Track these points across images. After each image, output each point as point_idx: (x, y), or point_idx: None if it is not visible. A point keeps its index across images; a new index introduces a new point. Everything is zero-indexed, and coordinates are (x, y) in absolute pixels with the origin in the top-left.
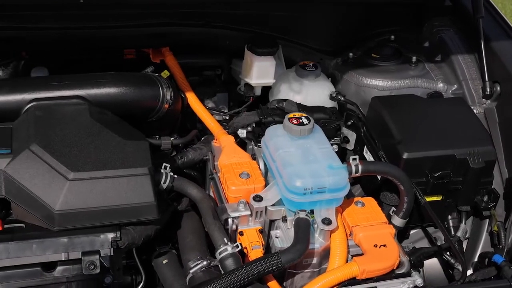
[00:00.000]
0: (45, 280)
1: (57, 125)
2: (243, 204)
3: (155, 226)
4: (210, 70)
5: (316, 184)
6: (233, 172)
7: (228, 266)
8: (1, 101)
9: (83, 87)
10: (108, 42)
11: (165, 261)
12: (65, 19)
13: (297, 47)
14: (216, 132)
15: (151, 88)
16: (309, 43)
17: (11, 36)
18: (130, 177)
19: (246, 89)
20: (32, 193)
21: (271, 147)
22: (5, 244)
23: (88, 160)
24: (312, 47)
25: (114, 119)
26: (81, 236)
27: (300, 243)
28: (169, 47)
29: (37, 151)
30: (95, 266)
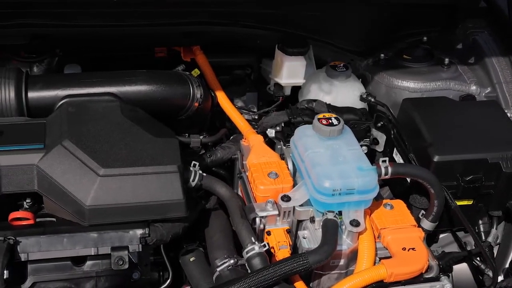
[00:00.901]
0: (74, 274)
1: (89, 121)
2: (271, 203)
3: (183, 224)
4: (240, 69)
5: (345, 185)
6: (262, 171)
7: (255, 266)
8: (36, 97)
9: (115, 84)
10: (140, 40)
11: (192, 259)
12: (98, 17)
13: (327, 47)
14: (245, 131)
15: (181, 86)
16: (340, 44)
17: (46, 34)
18: (159, 174)
19: (276, 89)
20: (63, 188)
21: (300, 147)
22: (36, 238)
23: (118, 156)
24: (343, 48)
25: (144, 117)
26: (110, 232)
27: (328, 244)
28: (200, 46)
29: (69, 146)
30: (124, 261)
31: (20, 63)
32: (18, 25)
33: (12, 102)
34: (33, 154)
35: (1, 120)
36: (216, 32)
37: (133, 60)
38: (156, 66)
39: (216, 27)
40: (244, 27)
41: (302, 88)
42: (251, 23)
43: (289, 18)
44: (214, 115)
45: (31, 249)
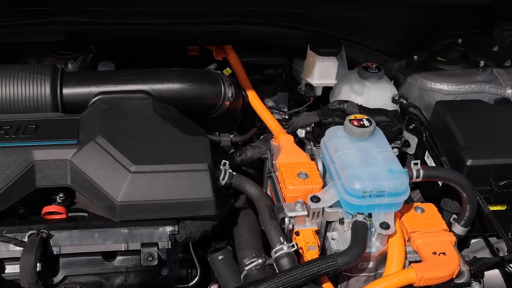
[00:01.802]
0: (105, 269)
1: (121, 118)
2: (300, 204)
3: (212, 222)
4: (271, 69)
5: (376, 187)
6: (292, 171)
7: (283, 266)
8: (71, 93)
9: (148, 82)
10: (173, 38)
11: (221, 257)
12: (132, 15)
13: (360, 48)
14: (275, 131)
15: (213, 85)
16: (372, 45)
17: (81, 31)
18: (190, 172)
19: (307, 89)
20: (95, 184)
21: (330, 148)
22: (69, 232)
23: (150, 153)
24: (376, 49)
25: (176, 114)
26: (140, 228)
27: (357, 246)
28: (232, 45)
29: (102, 143)
30: (153, 258)
31: (55, 59)
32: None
33: (47, 98)
34: (67, 150)
35: (37, 116)
36: (249, 32)
37: (166, 58)
38: (188, 65)
39: (249, 27)
40: (276, 26)
41: (333, 88)
42: (284, 23)
43: (322, 18)
44: (244, 114)
45: (63, 243)
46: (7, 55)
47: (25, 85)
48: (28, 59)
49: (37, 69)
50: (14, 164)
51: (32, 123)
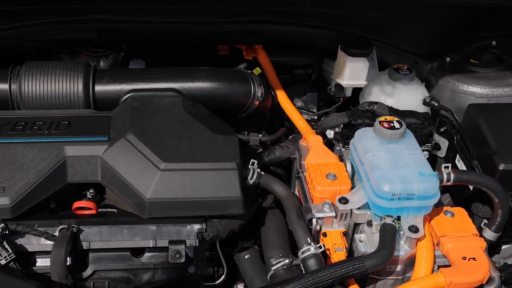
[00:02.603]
0: (133, 265)
1: (152, 116)
2: (328, 205)
3: (239, 221)
4: (301, 69)
5: (405, 190)
6: (320, 172)
7: (310, 266)
8: (102, 90)
9: (178, 80)
10: (203, 37)
11: (247, 256)
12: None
13: (391, 49)
14: (304, 131)
15: (243, 85)
16: (404, 46)
17: (113, 29)
18: (218, 171)
19: (337, 90)
20: (125, 180)
21: (359, 150)
22: (98, 227)
23: (179, 151)
24: (407, 50)
25: (206, 113)
26: (168, 225)
27: (385, 249)
28: (262, 45)
29: (132, 140)
30: (181, 255)
31: (88, 57)
32: (88, 20)
33: (80, 94)
34: (98, 146)
35: (69, 112)
36: (279, 31)
37: (196, 57)
38: (218, 64)
39: (279, 26)
40: (307, 27)
41: (363, 90)
42: (314, 23)
43: (353, 19)
44: (273, 114)
45: (93, 238)
46: (41, 52)
47: (58, 82)
48: (62, 56)
49: (71, 66)
50: (46, 159)
51: (64, 119)
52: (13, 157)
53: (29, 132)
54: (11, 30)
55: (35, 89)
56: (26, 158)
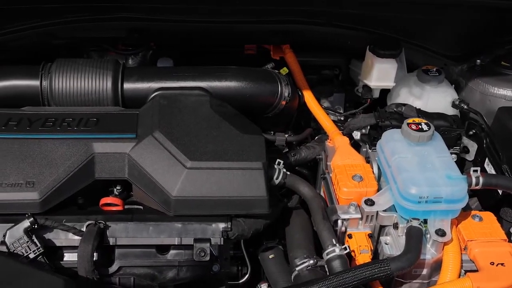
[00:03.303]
0: (158, 262)
1: (179, 114)
2: (354, 206)
3: (264, 221)
4: (328, 70)
5: (432, 193)
6: (346, 173)
7: (335, 268)
8: (131, 88)
9: (206, 79)
10: (231, 37)
11: (272, 256)
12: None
13: (420, 50)
14: (330, 132)
15: (270, 84)
16: (433, 47)
17: (142, 27)
18: (244, 170)
19: (364, 91)
20: (152, 178)
21: (386, 152)
22: (125, 224)
23: (205, 150)
24: (437, 52)
25: (232, 112)
26: (194, 223)
27: (411, 252)
28: (290, 45)
29: (160, 138)
30: (205, 253)
31: (117, 55)
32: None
33: (108, 92)
34: (126, 143)
35: (98, 109)
36: (307, 32)
37: (223, 56)
38: (245, 63)
39: (307, 26)
40: (335, 27)
41: (391, 91)
42: (343, 23)
43: (382, 20)
44: (300, 114)
45: (119, 234)
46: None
47: (88, 79)
48: (91, 54)
49: (100, 64)
50: (75, 156)
51: (93, 116)
52: (43, 152)
53: (58, 128)
54: (44, 28)
55: (65, 86)
56: (56, 154)
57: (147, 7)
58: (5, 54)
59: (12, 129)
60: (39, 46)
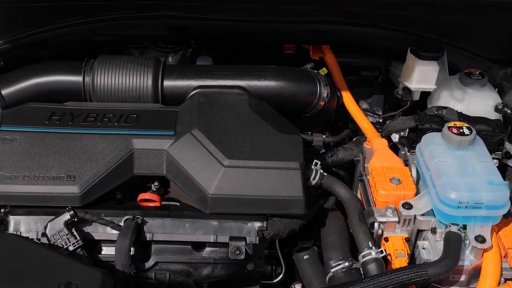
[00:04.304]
0: (193, 259)
1: (218, 112)
2: (391, 209)
3: (300, 221)
4: (368, 71)
5: (473, 198)
6: (384, 176)
7: (371, 271)
8: (171, 86)
9: (245, 78)
10: (271, 36)
11: (306, 257)
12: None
13: (463, 53)
14: (369, 134)
15: (309, 85)
16: (476, 50)
17: (183, 26)
18: (281, 170)
19: (404, 93)
20: (189, 175)
21: (426, 155)
22: (162, 220)
23: (243, 148)
24: (480, 55)
25: (271, 112)
26: (230, 222)
27: (450, 258)
28: (330, 45)
29: (198, 135)
30: (241, 252)
31: (157, 52)
32: (160, 17)
33: (149, 89)
34: (164, 140)
35: (138, 106)
36: (348, 32)
37: (262, 56)
38: (285, 63)
39: (348, 27)
40: (377, 28)
41: (432, 94)
42: (384, 24)
43: (424, 21)
44: (338, 115)
45: (156, 230)
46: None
47: (129, 76)
48: (132, 51)
49: (141, 61)
50: (115, 151)
51: (133, 112)
52: (84, 147)
53: (99, 123)
54: (87, 25)
55: (107, 82)
56: (96, 149)
57: (188, 5)
58: (49, 50)
59: (55, 124)
60: (82, 43)
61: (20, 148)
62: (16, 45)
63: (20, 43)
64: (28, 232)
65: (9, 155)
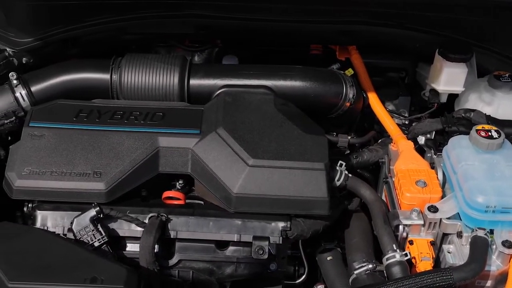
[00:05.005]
0: (217, 257)
1: (243, 112)
2: (416, 212)
3: (324, 222)
4: (394, 72)
5: (501, 203)
6: (410, 178)
7: (394, 274)
8: (197, 84)
9: (271, 78)
10: (297, 36)
11: (330, 258)
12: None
13: (492, 55)
14: (395, 136)
15: (335, 85)
16: (506, 52)
17: (210, 25)
18: (306, 170)
19: (431, 95)
20: (214, 174)
21: (453, 158)
22: (186, 218)
23: (268, 148)
24: (510, 57)
25: (296, 112)
26: (253, 221)
27: (476, 263)
28: (356, 46)
29: (223, 134)
30: (264, 251)
31: (183, 51)
32: (188, 16)
33: (175, 87)
34: (190, 139)
35: (164, 104)
36: (375, 33)
37: (288, 56)
38: (310, 63)
39: (376, 28)
40: (404, 29)
41: (459, 96)
42: (412, 25)
43: (453, 23)
44: (363, 116)
45: (180, 228)
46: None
47: (156, 74)
48: (158, 50)
49: (168, 59)
50: (141, 149)
51: (159, 110)
52: (111, 144)
53: (126, 121)
54: (116, 23)
55: (134, 80)
56: (122, 146)
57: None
58: (78, 48)
59: (82, 121)
60: (110, 41)
61: (48, 144)
62: (45, 43)
63: (49, 40)
64: (54, 227)
65: (37, 151)
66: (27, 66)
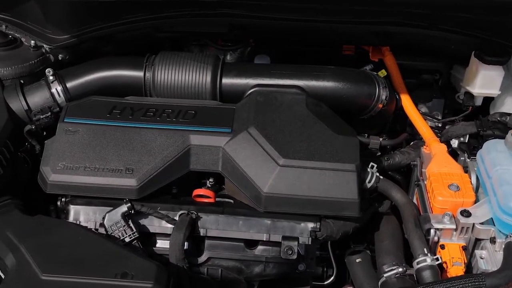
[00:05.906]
0: (245, 256)
1: (275, 111)
2: (448, 216)
3: (354, 224)
4: (428, 74)
5: None
6: (442, 182)
7: (425, 278)
8: (229, 83)
9: (303, 78)
10: (330, 36)
11: (359, 260)
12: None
13: None
14: (427, 138)
15: (368, 86)
16: None
17: (243, 24)
18: (337, 171)
19: (466, 98)
20: (244, 173)
21: (487, 162)
22: (216, 216)
23: (299, 148)
24: None
25: (328, 112)
26: (283, 221)
27: (509, 269)
28: (390, 47)
29: (254, 134)
30: (293, 251)
31: (216, 49)
32: (222, 15)
33: (207, 86)
34: (221, 137)
35: (196, 102)
36: (409, 34)
37: (320, 56)
38: (343, 64)
39: (410, 29)
40: (440, 30)
41: (495, 99)
42: (448, 27)
43: (490, 25)
44: (396, 118)
45: (210, 226)
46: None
47: (188, 73)
48: (192, 48)
49: (201, 58)
50: (172, 146)
51: (191, 108)
52: (143, 141)
53: (158, 118)
54: (150, 21)
55: (167, 78)
56: (154, 143)
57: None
58: (112, 45)
59: (115, 117)
60: (144, 39)
61: (82, 140)
62: (81, 40)
63: (85, 38)
64: (87, 222)
65: (71, 146)
66: (63, 63)
